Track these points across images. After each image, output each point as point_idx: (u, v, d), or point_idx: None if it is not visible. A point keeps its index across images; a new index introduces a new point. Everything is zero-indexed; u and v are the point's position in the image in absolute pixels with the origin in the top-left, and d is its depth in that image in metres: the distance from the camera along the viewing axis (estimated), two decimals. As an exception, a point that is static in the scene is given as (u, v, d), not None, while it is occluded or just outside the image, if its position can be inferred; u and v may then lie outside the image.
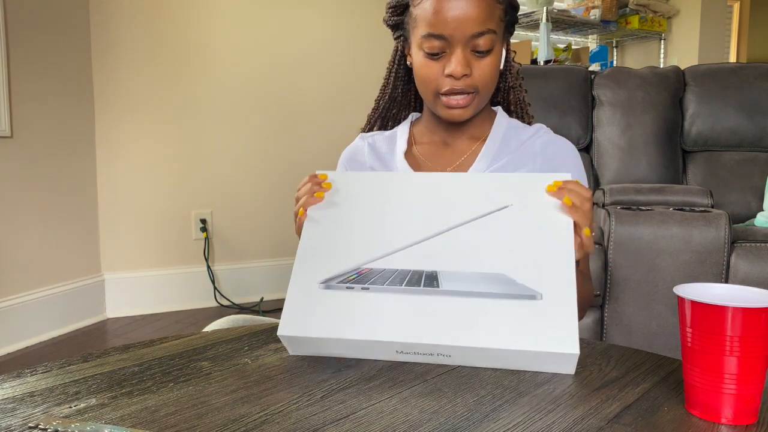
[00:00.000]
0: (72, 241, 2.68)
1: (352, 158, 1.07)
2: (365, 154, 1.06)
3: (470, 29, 0.90)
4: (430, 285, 0.73)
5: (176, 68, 2.92)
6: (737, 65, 2.55)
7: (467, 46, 0.91)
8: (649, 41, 4.39)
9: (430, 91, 0.95)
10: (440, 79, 0.93)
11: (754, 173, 2.41)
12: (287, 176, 3.21)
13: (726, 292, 0.63)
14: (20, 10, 2.40)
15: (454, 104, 0.94)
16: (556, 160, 0.99)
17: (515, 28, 1.01)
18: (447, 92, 0.93)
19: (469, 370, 0.71)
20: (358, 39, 3.32)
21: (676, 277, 1.75)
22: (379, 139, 1.07)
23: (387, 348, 0.72)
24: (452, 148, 1.03)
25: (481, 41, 0.91)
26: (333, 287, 0.75)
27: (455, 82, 0.92)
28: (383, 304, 0.73)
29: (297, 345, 0.75)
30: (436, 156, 1.03)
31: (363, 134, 1.09)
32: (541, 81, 2.47)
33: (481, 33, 0.90)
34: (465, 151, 1.02)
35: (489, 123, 1.03)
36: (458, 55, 0.91)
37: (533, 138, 1.01)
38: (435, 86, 0.94)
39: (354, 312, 0.73)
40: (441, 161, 1.03)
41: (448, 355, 0.71)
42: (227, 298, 3.07)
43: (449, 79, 0.92)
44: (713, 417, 0.59)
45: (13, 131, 2.38)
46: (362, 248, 0.78)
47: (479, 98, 0.95)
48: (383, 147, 1.06)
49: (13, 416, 0.60)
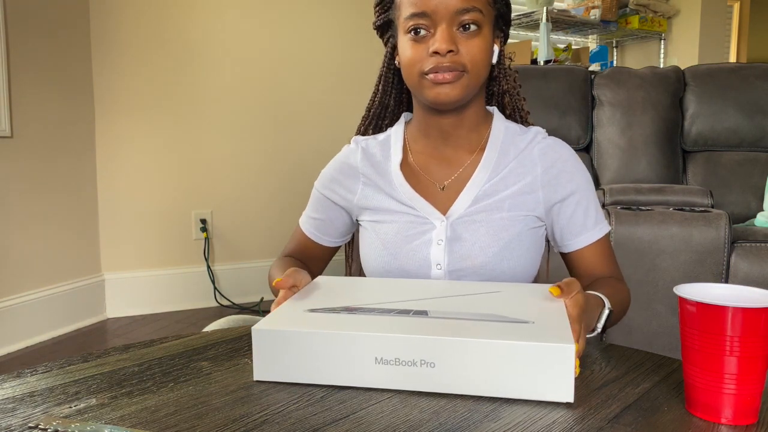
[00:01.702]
0: (72, 241, 2.68)
1: (344, 163, 1.03)
2: (358, 160, 1.02)
3: (453, 4, 0.88)
4: (418, 315, 0.71)
5: (176, 68, 2.92)
6: (737, 65, 2.55)
7: (452, 23, 0.89)
8: (649, 41, 4.39)
9: (416, 72, 0.91)
10: (425, 59, 0.90)
11: (754, 173, 2.41)
12: (287, 176, 3.21)
13: (726, 292, 0.63)
14: (20, 10, 2.40)
15: (440, 79, 0.89)
16: (557, 166, 0.96)
17: (509, 29, 0.99)
18: (432, 69, 0.89)
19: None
20: (358, 40, 3.32)
21: (676, 277, 1.75)
22: (373, 144, 1.03)
23: (364, 353, 0.66)
24: (448, 157, 0.99)
25: (467, 17, 0.88)
26: (318, 311, 0.73)
27: (441, 59, 0.88)
28: (367, 318, 0.70)
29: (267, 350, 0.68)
30: (432, 167, 0.99)
31: (357, 137, 1.06)
32: (541, 81, 2.47)
33: (465, 9, 0.88)
34: (463, 160, 0.98)
35: (485, 127, 0.99)
36: (443, 30, 0.88)
37: (531, 144, 0.98)
38: (420, 66, 0.90)
39: (334, 320, 0.70)
40: (438, 173, 0.99)
41: (432, 363, 0.64)
42: (227, 298, 3.07)
43: (434, 57, 0.89)
44: (713, 417, 0.59)
45: (13, 131, 2.38)
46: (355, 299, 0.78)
47: (468, 79, 0.90)
48: (377, 153, 1.02)
49: (13, 416, 0.60)
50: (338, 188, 1.03)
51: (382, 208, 0.99)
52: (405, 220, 0.97)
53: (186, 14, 2.92)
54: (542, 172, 0.96)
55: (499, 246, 0.93)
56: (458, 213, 0.95)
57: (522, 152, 0.97)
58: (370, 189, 1.00)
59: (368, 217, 1.01)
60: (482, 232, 0.94)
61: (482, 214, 0.95)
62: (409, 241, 0.95)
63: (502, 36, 0.99)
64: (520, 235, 0.95)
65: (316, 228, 1.06)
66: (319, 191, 1.06)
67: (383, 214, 0.99)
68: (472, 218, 0.94)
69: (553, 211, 0.97)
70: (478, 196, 0.95)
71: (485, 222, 0.94)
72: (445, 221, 0.95)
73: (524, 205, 0.96)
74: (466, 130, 0.98)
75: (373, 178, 1.00)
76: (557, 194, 0.96)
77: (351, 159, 1.03)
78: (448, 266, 0.94)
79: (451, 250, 0.94)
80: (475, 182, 0.96)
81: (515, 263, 0.94)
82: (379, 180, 1.00)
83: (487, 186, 0.96)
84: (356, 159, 1.02)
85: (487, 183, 0.96)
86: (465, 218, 0.95)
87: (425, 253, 0.94)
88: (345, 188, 1.03)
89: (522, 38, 3.95)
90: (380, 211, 0.99)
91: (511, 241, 0.94)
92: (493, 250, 0.93)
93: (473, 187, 0.96)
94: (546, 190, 0.96)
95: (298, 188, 3.22)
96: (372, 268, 0.99)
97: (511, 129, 1.00)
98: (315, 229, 1.06)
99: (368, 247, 1.00)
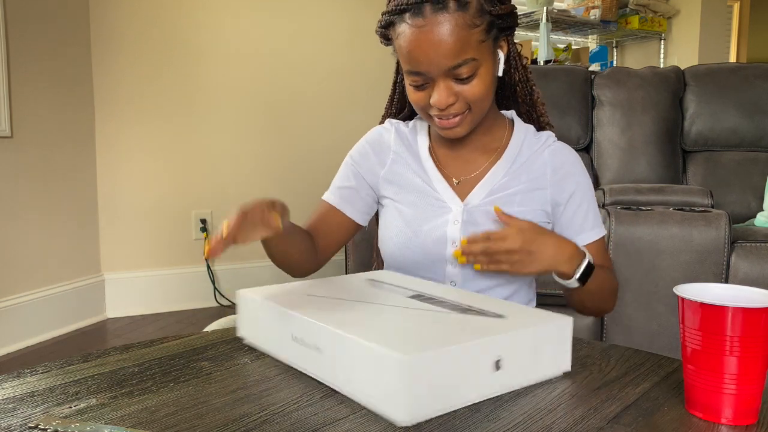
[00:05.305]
0: (72, 240, 2.68)
1: (377, 139, 1.08)
2: (392, 138, 1.07)
3: (444, 64, 0.89)
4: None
5: (176, 68, 2.92)
6: (737, 65, 2.55)
7: (447, 76, 0.91)
8: (649, 41, 4.39)
9: (423, 114, 0.98)
10: (428, 105, 0.94)
11: (754, 173, 2.41)
12: (287, 176, 3.21)
13: (726, 292, 0.63)
14: (20, 9, 2.40)
15: (446, 125, 0.95)
16: (565, 168, 1.02)
17: (514, 20, 0.96)
18: (437, 115, 0.95)
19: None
20: (358, 39, 3.32)
21: (676, 277, 1.75)
22: (404, 128, 1.09)
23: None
24: (464, 157, 1.04)
25: (461, 71, 0.90)
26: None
27: (442, 111, 0.93)
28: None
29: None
30: (450, 164, 1.05)
31: (390, 119, 1.11)
32: (541, 81, 2.47)
33: (457, 65, 0.89)
34: (479, 161, 1.04)
35: (501, 131, 1.05)
36: (439, 86, 0.91)
37: (543, 147, 1.03)
38: (425, 111, 0.96)
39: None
40: (455, 170, 1.04)
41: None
42: (227, 298, 3.07)
43: (436, 107, 0.93)
44: (713, 417, 0.59)
45: (13, 131, 2.38)
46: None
47: (473, 114, 0.95)
48: (409, 136, 1.08)
49: (13, 416, 0.60)
50: (368, 161, 1.07)
51: (409, 185, 1.04)
52: (426, 202, 1.02)
53: (186, 14, 2.92)
54: (551, 172, 1.02)
55: None
56: (474, 202, 1.00)
57: (534, 153, 1.03)
58: (399, 165, 1.06)
59: (392, 192, 1.05)
60: (494, 219, 0.98)
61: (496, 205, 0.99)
62: (429, 220, 1.00)
63: (508, 33, 0.97)
64: None
65: (341, 197, 1.08)
66: (351, 161, 1.09)
67: (407, 192, 1.04)
68: (486, 209, 0.99)
69: (557, 210, 1.02)
70: (493, 189, 1.01)
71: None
72: (462, 206, 1.00)
73: (534, 201, 1.01)
74: (480, 134, 1.04)
75: (404, 156, 1.06)
76: (562, 194, 1.01)
77: (384, 136, 1.08)
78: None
79: (466, 230, 0.98)
80: (491, 178, 1.01)
81: None
82: (410, 159, 1.05)
83: (503, 182, 1.01)
84: (390, 137, 1.08)
85: (502, 179, 1.01)
86: (480, 207, 1.00)
87: (442, 231, 0.99)
88: (376, 161, 1.07)
89: (522, 38, 3.95)
90: (405, 187, 1.04)
91: None
92: None
93: (489, 181, 1.01)
94: (553, 188, 1.01)
95: (298, 188, 3.22)
96: (392, 245, 1.03)
97: (528, 132, 1.06)
98: (340, 198, 1.08)
99: (389, 224, 1.04)
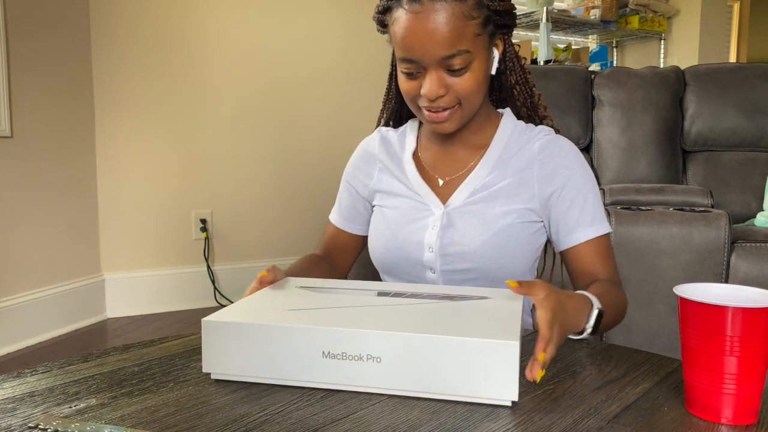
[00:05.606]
0: (72, 241, 2.68)
1: (365, 150, 1.10)
2: (376, 146, 1.08)
3: (438, 53, 0.88)
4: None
5: (176, 68, 2.92)
6: (737, 65, 2.55)
7: (440, 66, 0.90)
8: (649, 41, 4.39)
9: (413, 105, 0.96)
10: (419, 96, 0.93)
11: (754, 173, 2.41)
12: (287, 176, 3.21)
13: (726, 292, 0.63)
14: (20, 10, 2.40)
15: (435, 119, 0.94)
16: (555, 160, 0.97)
17: (512, 19, 0.96)
18: (426, 107, 0.93)
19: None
20: (359, 39, 3.32)
21: (676, 277, 1.75)
22: (392, 134, 1.09)
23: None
24: (454, 155, 1.03)
25: (454, 62, 0.89)
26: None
27: (432, 102, 0.92)
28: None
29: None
30: (439, 164, 1.04)
31: (381, 127, 1.11)
32: (541, 81, 2.47)
33: (451, 55, 0.88)
34: (467, 159, 1.02)
35: (492, 128, 1.02)
36: (431, 76, 0.90)
37: (533, 141, 0.99)
38: (414, 99, 0.94)
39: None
40: (443, 169, 1.03)
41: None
42: (227, 298, 3.07)
43: (426, 98, 0.92)
44: (713, 417, 0.59)
45: (13, 131, 2.38)
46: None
47: (462, 111, 0.94)
48: (395, 143, 1.08)
49: (13, 416, 0.60)
50: (359, 175, 1.10)
51: (393, 191, 1.05)
52: (409, 205, 1.02)
53: (186, 14, 2.92)
54: (539, 166, 0.98)
55: (488, 235, 0.96)
56: (455, 204, 0.99)
57: (522, 148, 1.00)
58: (385, 174, 1.07)
59: (379, 199, 1.07)
60: (474, 222, 0.97)
61: (478, 205, 0.98)
62: (409, 224, 1.01)
63: (505, 32, 0.96)
64: (511, 227, 0.96)
65: (344, 217, 1.12)
66: (345, 178, 1.13)
67: (392, 198, 1.05)
68: (467, 209, 0.98)
69: (549, 204, 0.98)
70: (476, 189, 0.99)
71: (479, 213, 0.98)
72: (443, 209, 0.99)
73: (518, 197, 0.97)
74: (470, 132, 1.02)
75: (387, 164, 1.06)
76: (551, 186, 0.97)
77: (370, 146, 1.10)
78: (439, 250, 0.98)
79: (443, 235, 0.98)
80: (474, 177, 1.00)
81: (505, 255, 0.96)
82: (392, 166, 1.06)
83: (486, 180, 0.99)
84: (374, 146, 1.09)
85: (486, 177, 0.99)
86: (461, 209, 0.99)
87: (420, 236, 0.99)
88: (365, 174, 1.09)
89: (522, 38, 3.95)
90: (390, 194, 1.05)
91: (500, 232, 0.96)
92: (482, 239, 0.95)
93: (472, 181, 1.00)
94: (541, 182, 0.97)
95: (298, 188, 3.22)
96: (375, 248, 1.04)
97: (518, 128, 1.02)
98: (342, 219, 1.12)
99: (374, 228, 1.06)
